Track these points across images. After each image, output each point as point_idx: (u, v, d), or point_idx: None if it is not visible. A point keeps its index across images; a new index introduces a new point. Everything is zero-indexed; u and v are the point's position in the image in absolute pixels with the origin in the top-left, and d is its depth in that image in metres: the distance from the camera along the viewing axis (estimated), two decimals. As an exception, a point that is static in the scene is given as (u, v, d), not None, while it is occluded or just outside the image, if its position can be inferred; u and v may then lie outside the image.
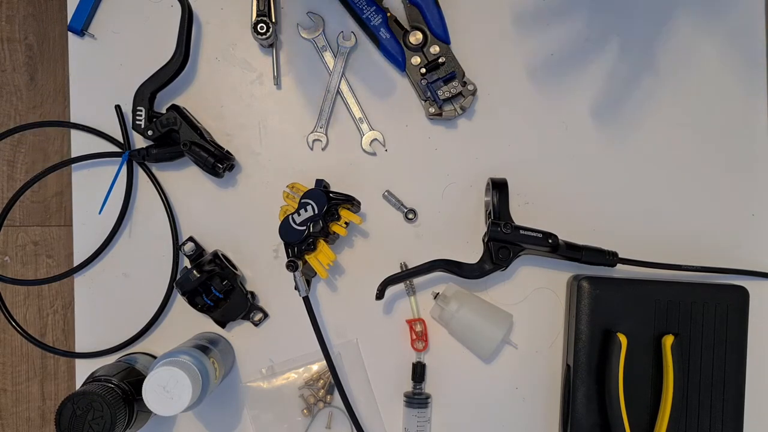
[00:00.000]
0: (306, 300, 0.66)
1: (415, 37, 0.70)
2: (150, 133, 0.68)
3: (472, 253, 0.70)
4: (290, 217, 0.66)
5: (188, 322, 0.71)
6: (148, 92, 0.68)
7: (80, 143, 0.72)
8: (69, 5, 0.71)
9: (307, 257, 0.67)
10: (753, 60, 0.71)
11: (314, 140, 0.72)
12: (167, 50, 0.68)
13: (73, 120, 0.72)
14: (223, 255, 0.70)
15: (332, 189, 0.70)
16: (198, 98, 0.72)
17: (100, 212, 0.71)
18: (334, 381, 0.67)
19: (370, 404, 0.71)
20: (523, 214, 0.70)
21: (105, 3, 0.72)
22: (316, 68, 0.72)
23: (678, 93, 0.71)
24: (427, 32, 0.70)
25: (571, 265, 0.69)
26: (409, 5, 0.70)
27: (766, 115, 0.71)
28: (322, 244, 0.67)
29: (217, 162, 0.68)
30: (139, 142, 0.71)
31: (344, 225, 0.67)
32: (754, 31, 0.71)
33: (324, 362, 0.67)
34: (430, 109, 0.70)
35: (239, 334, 0.72)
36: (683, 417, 0.65)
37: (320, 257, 0.67)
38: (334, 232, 0.67)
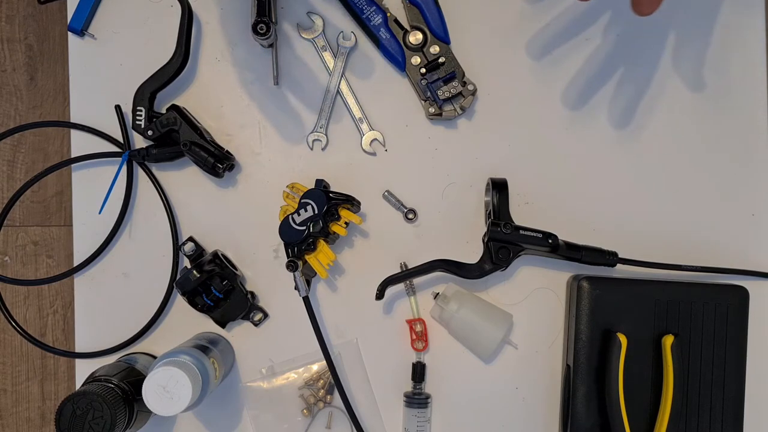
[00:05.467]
0: (306, 300, 0.66)
1: (415, 37, 0.70)
2: (150, 133, 0.68)
3: (472, 253, 0.70)
4: (290, 217, 0.66)
5: (188, 322, 0.71)
6: (148, 92, 0.68)
7: (80, 143, 0.72)
8: (69, 5, 0.71)
9: (307, 257, 0.67)
10: (753, 60, 0.71)
11: (314, 140, 0.72)
12: (167, 50, 0.68)
13: (73, 120, 0.72)
14: (223, 255, 0.70)
15: (332, 189, 0.70)
16: (198, 98, 0.72)
17: (100, 212, 0.71)
18: (334, 381, 0.67)
19: (370, 404, 0.71)
20: (523, 214, 0.70)
21: (105, 3, 0.72)
22: (316, 68, 0.72)
23: (678, 93, 0.71)
24: (427, 32, 0.70)
25: (571, 265, 0.69)
26: (409, 5, 0.70)
27: (766, 115, 0.71)
28: (322, 244, 0.67)
29: (217, 162, 0.68)
30: (139, 142, 0.71)
31: (344, 225, 0.67)
32: (753, 31, 0.71)
33: (324, 362, 0.67)
34: (430, 109, 0.70)
35: (239, 334, 0.72)
36: (683, 417, 0.65)
37: (320, 257, 0.67)
38: (334, 232, 0.67)
